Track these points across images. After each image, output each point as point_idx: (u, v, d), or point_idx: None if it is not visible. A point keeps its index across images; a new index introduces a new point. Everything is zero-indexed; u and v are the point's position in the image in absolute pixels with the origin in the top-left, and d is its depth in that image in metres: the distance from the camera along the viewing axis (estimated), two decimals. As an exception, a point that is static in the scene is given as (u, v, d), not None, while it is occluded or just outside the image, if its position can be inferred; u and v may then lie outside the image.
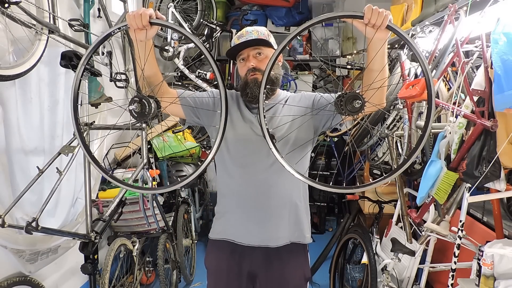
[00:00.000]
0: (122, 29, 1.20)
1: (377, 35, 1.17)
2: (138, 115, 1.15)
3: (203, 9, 3.85)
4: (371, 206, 2.98)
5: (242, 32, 1.51)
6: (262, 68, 1.43)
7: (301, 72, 4.47)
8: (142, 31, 1.18)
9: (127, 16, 1.16)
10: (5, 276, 1.91)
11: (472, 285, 1.61)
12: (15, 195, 1.78)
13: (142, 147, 2.37)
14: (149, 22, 1.15)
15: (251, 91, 1.44)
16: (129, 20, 1.16)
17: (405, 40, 1.15)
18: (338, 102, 1.13)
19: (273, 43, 1.51)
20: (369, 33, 1.18)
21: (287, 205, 1.50)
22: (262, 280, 1.52)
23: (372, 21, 1.13)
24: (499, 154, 1.44)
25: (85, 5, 2.51)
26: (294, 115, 1.45)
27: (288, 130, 1.45)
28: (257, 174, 1.46)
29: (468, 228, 1.96)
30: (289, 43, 1.19)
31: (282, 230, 1.50)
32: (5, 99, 1.79)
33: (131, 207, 2.54)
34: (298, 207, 1.53)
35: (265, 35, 1.50)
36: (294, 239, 1.53)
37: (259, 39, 1.46)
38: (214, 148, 1.20)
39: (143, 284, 2.88)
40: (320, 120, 1.48)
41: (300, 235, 1.55)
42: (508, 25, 1.35)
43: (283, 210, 1.49)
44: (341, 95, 1.14)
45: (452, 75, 2.01)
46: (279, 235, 1.50)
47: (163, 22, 1.19)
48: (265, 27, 1.58)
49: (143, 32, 1.19)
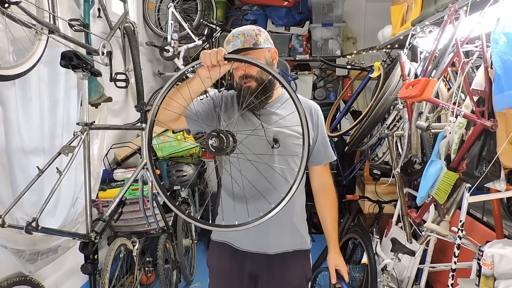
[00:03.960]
0: (195, 67, 1.25)
1: (222, 69, 1.26)
2: (215, 149, 1.17)
3: (203, 9, 3.85)
4: (371, 206, 2.99)
5: (229, 37, 1.44)
6: (252, 73, 1.40)
7: (301, 72, 4.47)
8: (215, 68, 1.23)
9: (202, 54, 1.22)
10: (5, 276, 1.91)
11: (472, 285, 1.61)
12: (15, 195, 1.78)
13: (142, 147, 2.37)
14: (224, 57, 1.20)
15: (245, 100, 1.41)
16: (204, 57, 1.21)
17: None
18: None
19: (263, 40, 1.44)
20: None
21: (288, 213, 1.48)
22: (263, 281, 1.51)
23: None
24: (499, 154, 1.44)
25: (85, 5, 2.51)
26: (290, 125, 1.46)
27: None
28: (259, 180, 1.43)
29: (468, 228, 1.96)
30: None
31: (281, 238, 1.49)
32: (5, 99, 1.79)
33: (131, 207, 2.54)
34: (298, 214, 1.53)
35: (252, 36, 1.41)
36: (297, 247, 1.53)
37: (244, 47, 1.40)
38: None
39: (143, 284, 2.88)
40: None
41: (302, 241, 1.55)
42: (508, 25, 1.35)
43: (283, 218, 1.48)
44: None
45: (452, 75, 2.01)
46: (279, 242, 1.49)
47: (238, 56, 1.24)
48: (253, 26, 1.49)
49: (216, 69, 1.23)
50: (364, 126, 2.53)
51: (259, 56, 1.42)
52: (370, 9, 4.55)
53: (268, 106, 1.49)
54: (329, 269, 1.57)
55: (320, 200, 1.60)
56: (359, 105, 4.38)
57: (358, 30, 4.62)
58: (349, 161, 3.77)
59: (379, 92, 2.56)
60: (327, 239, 1.59)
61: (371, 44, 3.70)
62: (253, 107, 1.44)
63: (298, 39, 4.39)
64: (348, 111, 3.86)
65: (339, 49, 4.32)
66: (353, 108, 4.16)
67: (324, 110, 1.76)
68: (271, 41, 1.50)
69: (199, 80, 1.29)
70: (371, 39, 3.90)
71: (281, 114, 1.48)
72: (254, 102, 1.41)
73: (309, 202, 1.60)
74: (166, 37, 3.53)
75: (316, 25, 4.25)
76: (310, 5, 4.30)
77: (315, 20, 4.25)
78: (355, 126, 2.88)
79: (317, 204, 1.61)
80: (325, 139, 1.57)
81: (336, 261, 1.55)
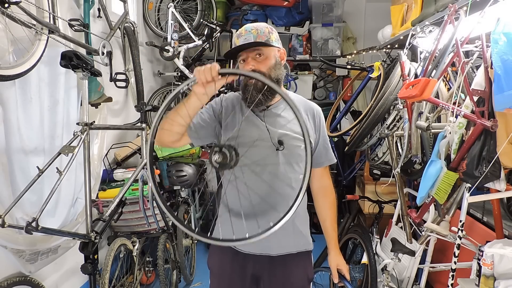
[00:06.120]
0: (190, 84, 1.23)
1: (217, 85, 1.24)
2: (220, 165, 1.16)
3: (203, 9, 3.85)
4: (371, 206, 2.99)
5: (241, 31, 1.43)
6: (262, 69, 1.40)
7: (301, 72, 4.47)
8: (211, 84, 1.22)
9: (195, 71, 1.22)
10: (5, 276, 1.91)
11: (472, 285, 1.61)
12: (15, 195, 1.78)
13: (142, 147, 2.37)
14: (218, 73, 1.19)
15: (251, 96, 1.40)
16: (198, 74, 1.20)
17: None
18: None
19: (275, 39, 1.45)
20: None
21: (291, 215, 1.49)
22: (266, 282, 1.51)
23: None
24: (499, 154, 1.44)
25: (85, 5, 2.51)
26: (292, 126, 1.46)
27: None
28: (263, 182, 1.43)
29: (468, 228, 1.96)
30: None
31: (284, 240, 1.48)
32: (5, 99, 1.79)
33: (131, 207, 2.54)
34: (300, 216, 1.53)
35: (265, 33, 1.42)
36: (300, 248, 1.52)
37: (256, 42, 1.40)
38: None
39: (143, 284, 2.88)
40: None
41: (305, 242, 1.54)
42: (508, 25, 1.35)
43: (287, 220, 1.48)
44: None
45: (452, 75, 2.01)
46: (282, 244, 1.48)
47: (232, 70, 1.23)
48: (266, 23, 1.49)
49: (211, 84, 1.22)
50: (364, 126, 2.53)
51: (269, 54, 1.42)
52: (370, 9, 4.55)
53: (272, 107, 1.48)
54: (331, 269, 1.57)
55: (320, 202, 1.60)
56: (359, 105, 4.38)
57: (358, 30, 4.62)
58: (349, 161, 3.77)
59: (379, 92, 2.56)
60: (327, 240, 1.59)
61: (371, 44, 3.70)
62: (258, 104, 1.42)
63: (298, 39, 4.39)
64: (348, 111, 3.87)
65: (339, 49, 4.32)
66: (353, 108, 4.17)
67: (324, 110, 1.76)
68: (280, 41, 1.50)
69: (195, 98, 1.29)
70: (371, 39, 3.91)
71: (286, 116, 1.47)
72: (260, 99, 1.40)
73: (309, 202, 1.60)
74: (166, 37, 3.53)
75: (316, 25, 4.25)
76: (310, 5, 4.30)
77: (315, 20, 4.25)
78: (355, 126, 2.88)
79: (316, 206, 1.62)
80: (326, 141, 1.57)
81: (337, 261, 1.56)
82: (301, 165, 1.47)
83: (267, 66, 1.41)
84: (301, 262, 1.53)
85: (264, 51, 1.41)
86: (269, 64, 1.41)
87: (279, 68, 1.45)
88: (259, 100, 1.40)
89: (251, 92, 1.40)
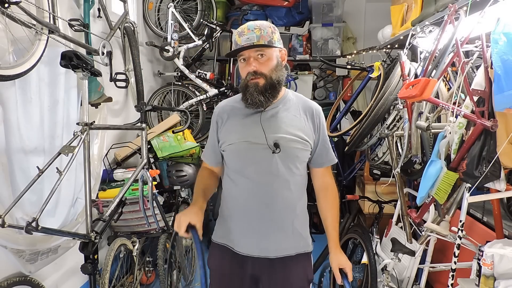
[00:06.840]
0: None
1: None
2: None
3: (203, 9, 3.85)
4: (371, 206, 2.99)
5: (243, 29, 1.39)
6: (263, 71, 1.38)
7: (301, 72, 4.47)
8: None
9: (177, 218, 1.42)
10: (5, 276, 1.91)
11: (472, 285, 1.61)
12: (15, 195, 1.78)
13: (142, 147, 2.37)
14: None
15: (251, 97, 1.39)
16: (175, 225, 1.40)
17: None
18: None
19: (277, 39, 1.42)
20: None
21: (290, 217, 1.48)
22: (265, 283, 1.50)
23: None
24: (499, 154, 1.44)
25: (85, 5, 2.51)
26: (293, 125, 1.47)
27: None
28: (261, 185, 1.43)
29: (468, 228, 1.96)
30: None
31: (283, 242, 1.48)
32: (5, 99, 1.79)
33: (131, 207, 2.54)
34: (300, 218, 1.52)
35: (268, 33, 1.38)
36: (300, 250, 1.52)
37: (260, 44, 1.37)
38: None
39: (143, 284, 2.88)
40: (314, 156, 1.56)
41: (305, 244, 1.54)
42: (508, 25, 1.35)
43: (286, 223, 1.47)
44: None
45: (452, 75, 2.01)
46: (281, 247, 1.48)
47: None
48: (268, 22, 1.45)
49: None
50: (364, 126, 2.53)
51: (271, 55, 1.40)
52: (370, 9, 4.55)
53: (269, 108, 1.47)
54: (333, 269, 1.54)
55: (322, 200, 1.59)
56: (359, 105, 4.38)
57: (358, 30, 4.62)
58: (349, 161, 3.77)
59: (379, 92, 2.56)
60: (328, 239, 1.58)
61: (371, 44, 3.70)
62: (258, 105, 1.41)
63: (298, 39, 4.39)
64: (348, 111, 3.87)
65: (339, 49, 4.32)
66: (353, 108, 4.16)
67: (324, 110, 1.75)
68: (282, 41, 1.48)
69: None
70: (371, 39, 3.91)
71: (283, 117, 1.46)
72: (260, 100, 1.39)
73: (309, 202, 1.59)
74: (166, 37, 3.54)
75: (316, 25, 4.25)
76: (310, 5, 4.30)
77: (315, 20, 4.25)
78: (355, 126, 2.88)
79: (318, 204, 1.61)
80: (326, 141, 1.56)
81: (339, 261, 1.52)
82: (299, 166, 1.47)
83: (269, 67, 1.39)
84: (300, 263, 1.52)
85: (266, 51, 1.39)
86: (271, 66, 1.40)
87: (280, 70, 1.43)
88: (259, 101, 1.40)
89: (252, 93, 1.39)
